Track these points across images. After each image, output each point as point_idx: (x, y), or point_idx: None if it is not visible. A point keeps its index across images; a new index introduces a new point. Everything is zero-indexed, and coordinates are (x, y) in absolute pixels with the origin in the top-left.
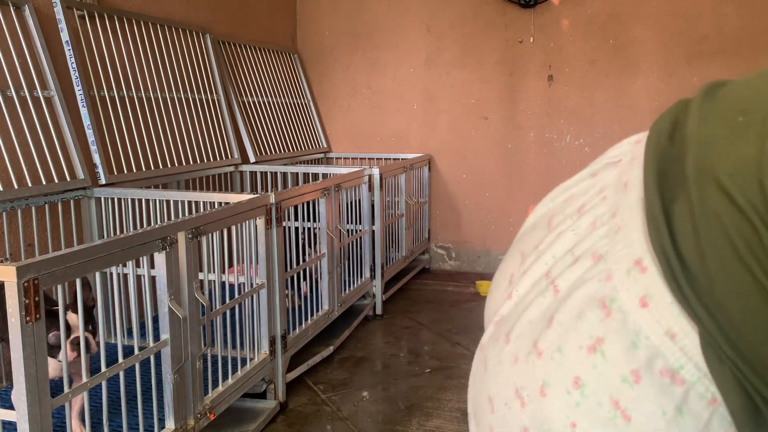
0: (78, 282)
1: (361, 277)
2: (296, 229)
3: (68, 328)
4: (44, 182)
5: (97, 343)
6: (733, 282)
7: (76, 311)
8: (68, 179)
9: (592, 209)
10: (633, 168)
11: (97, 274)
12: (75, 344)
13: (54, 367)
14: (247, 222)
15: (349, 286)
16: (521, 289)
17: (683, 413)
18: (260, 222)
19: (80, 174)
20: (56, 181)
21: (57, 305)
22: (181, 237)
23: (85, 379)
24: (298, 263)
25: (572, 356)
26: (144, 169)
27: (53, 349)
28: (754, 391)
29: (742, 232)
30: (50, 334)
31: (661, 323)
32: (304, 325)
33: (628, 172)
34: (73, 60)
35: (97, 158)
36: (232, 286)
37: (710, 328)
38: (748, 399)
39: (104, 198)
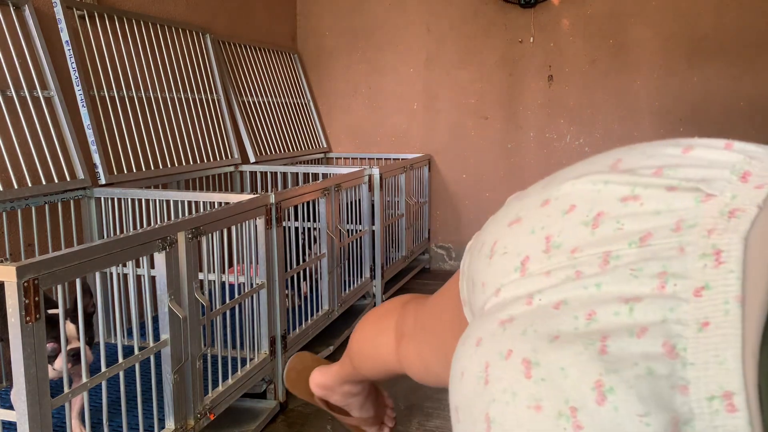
0: (78, 287)
1: (361, 277)
2: (296, 229)
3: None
4: (44, 182)
5: (97, 343)
6: None
7: (73, 319)
8: (68, 179)
9: (664, 257)
10: (733, 236)
11: (97, 274)
12: (71, 356)
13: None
14: (247, 222)
15: (349, 286)
16: (545, 299)
17: None
18: (260, 222)
19: (80, 174)
20: (56, 181)
21: (55, 306)
22: (181, 237)
23: (84, 380)
24: (298, 263)
25: None
26: (144, 169)
27: (49, 359)
28: None
29: None
30: (47, 345)
31: None
32: (304, 325)
33: (725, 237)
34: (73, 60)
35: (97, 158)
36: (232, 286)
37: None
38: None
39: (104, 198)
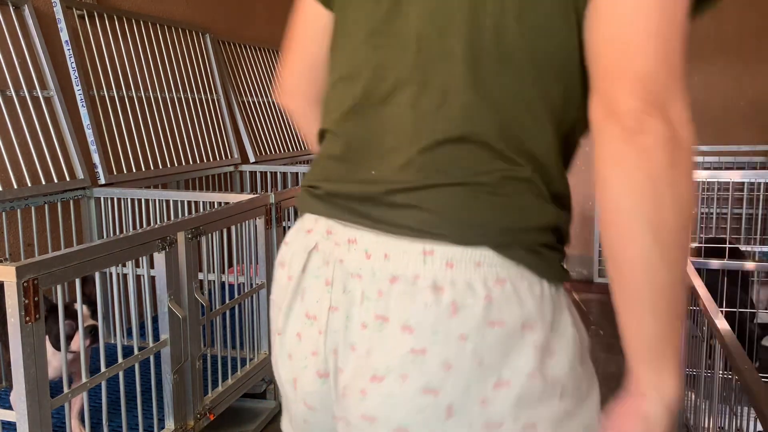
0: (78, 283)
1: None
2: None
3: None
4: (44, 182)
5: (97, 346)
6: None
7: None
8: (68, 179)
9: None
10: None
11: (97, 274)
12: (88, 332)
13: (55, 366)
14: (246, 222)
15: None
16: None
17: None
18: (260, 222)
19: (80, 174)
20: (56, 181)
21: (58, 305)
22: (181, 237)
23: (84, 380)
24: None
25: (391, 338)
26: (144, 169)
27: (67, 340)
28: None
29: None
30: (65, 323)
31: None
32: None
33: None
34: (72, 60)
35: (96, 158)
36: (231, 286)
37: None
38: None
39: (104, 198)
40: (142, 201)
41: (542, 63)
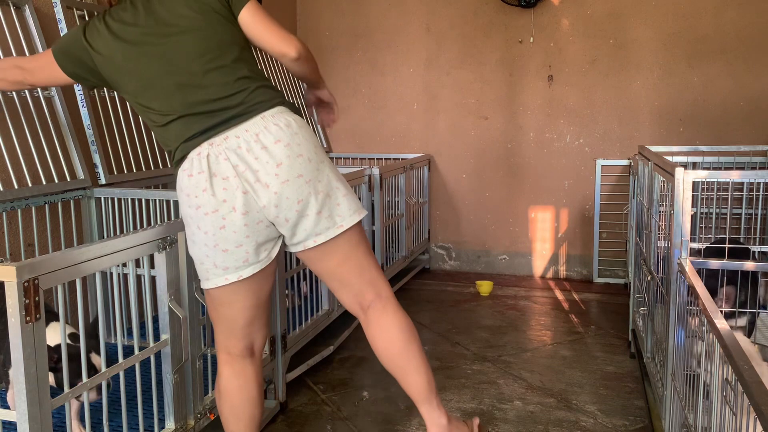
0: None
1: None
2: None
3: (93, 368)
4: (44, 182)
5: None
6: None
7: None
8: (68, 179)
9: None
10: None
11: (97, 274)
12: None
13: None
14: None
15: None
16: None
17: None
18: None
19: (80, 174)
20: (56, 181)
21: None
22: (181, 237)
23: (85, 379)
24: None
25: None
26: (144, 169)
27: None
28: None
29: None
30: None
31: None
32: (304, 325)
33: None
34: None
35: (97, 158)
36: None
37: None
38: None
39: (104, 198)
40: (142, 201)
41: (230, 39)
